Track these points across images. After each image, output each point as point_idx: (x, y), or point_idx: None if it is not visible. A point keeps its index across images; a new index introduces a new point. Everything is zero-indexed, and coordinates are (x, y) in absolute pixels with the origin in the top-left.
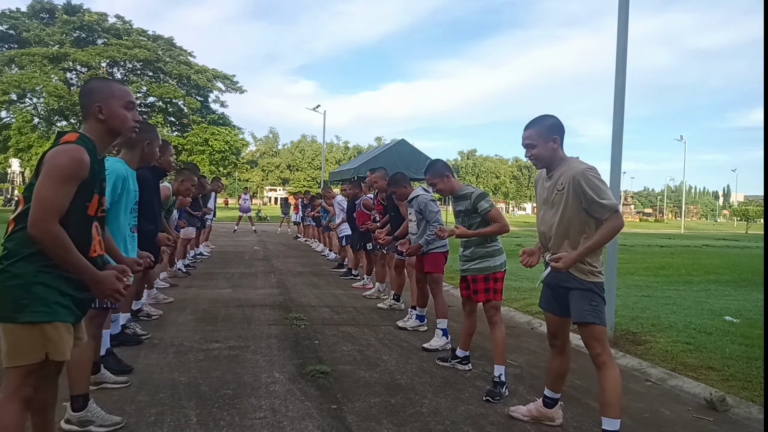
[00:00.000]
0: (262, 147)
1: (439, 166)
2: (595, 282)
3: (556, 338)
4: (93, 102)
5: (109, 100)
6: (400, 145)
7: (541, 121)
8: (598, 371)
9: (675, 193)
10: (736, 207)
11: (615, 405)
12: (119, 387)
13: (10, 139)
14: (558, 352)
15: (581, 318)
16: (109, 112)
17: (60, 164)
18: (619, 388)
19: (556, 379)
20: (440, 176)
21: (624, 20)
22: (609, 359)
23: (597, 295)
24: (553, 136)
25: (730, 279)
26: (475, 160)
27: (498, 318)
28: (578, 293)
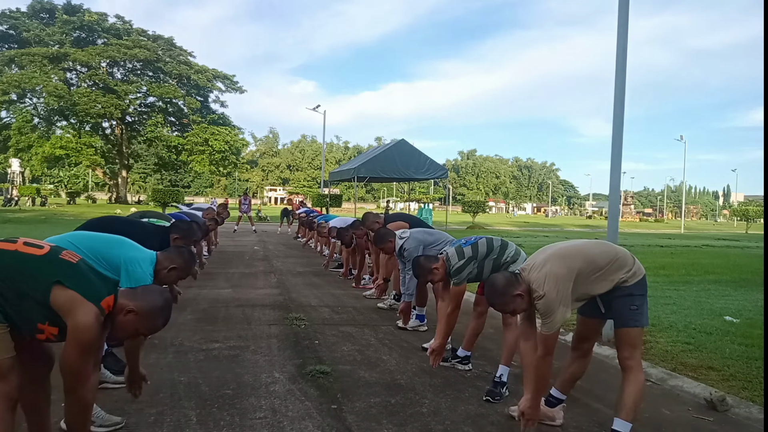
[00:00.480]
0: (262, 147)
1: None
2: (633, 284)
3: (584, 342)
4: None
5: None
6: (400, 145)
7: (497, 293)
8: (624, 373)
9: (675, 193)
10: (736, 207)
11: (631, 409)
12: (119, 387)
13: (10, 139)
14: (581, 355)
15: (623, 324)
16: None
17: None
18: (641, 395)
19: (568, 381)
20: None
21: (624, 20)
22: (637, 364)
23: (637, 296)
24: (514, 294)
25: (730, 279)
26: (475, 160)
27: (512, 320)
28: (619, 299)
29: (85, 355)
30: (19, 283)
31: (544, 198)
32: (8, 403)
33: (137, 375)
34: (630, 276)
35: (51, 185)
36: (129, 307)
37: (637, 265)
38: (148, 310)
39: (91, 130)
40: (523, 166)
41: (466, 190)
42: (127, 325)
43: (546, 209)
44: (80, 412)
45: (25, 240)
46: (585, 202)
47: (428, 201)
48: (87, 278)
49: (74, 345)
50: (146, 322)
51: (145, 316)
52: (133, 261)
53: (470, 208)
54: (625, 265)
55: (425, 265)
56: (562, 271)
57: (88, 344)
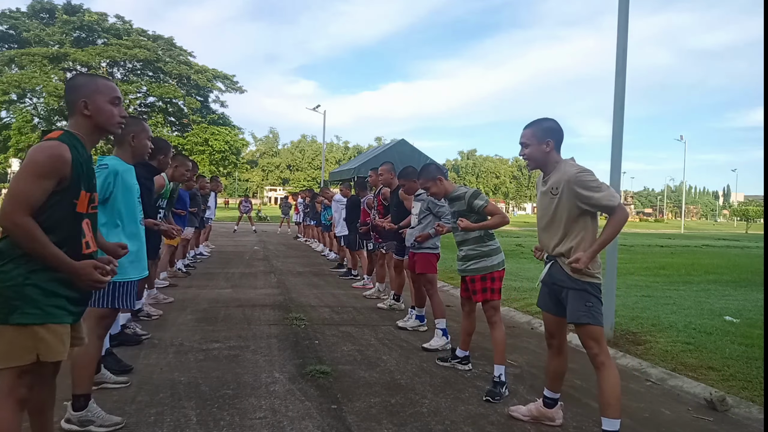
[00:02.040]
0: (262, 147)
1: (431, 169)
2: (591, 282)
3: (553, 338)
4: (79, 97)
5: (95, 96)
6: (400, 145)
7: (538, 123)
8: (597, 372)
9: (675, 193)
10: (736, 207)
11: (614, 405)
12: (119, 387)
13: (10, 139)
14: (556, 352)
15: (576, 319)
16: (94, 108)
17: (36, 159)
18: (618, 389)
19: (554, 379)
20: (433, 179)
21: (624, 20)
22: (607, 359)
23: (592, 296)
24: (547, 139)
25: (730, 279)
26: (475, 160)
27: (497, 318)
28: (574, 293)
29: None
30: None
31: None
32: (21, 405)
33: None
34: (595, 273)
35: None
36: (79, 104)
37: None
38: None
39: None
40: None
41: None
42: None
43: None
44: (25, 238)
45: None
46: None
47: None
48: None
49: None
50: (100, 92)
51: (94, 90)
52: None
53: None
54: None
55: (433, 172)
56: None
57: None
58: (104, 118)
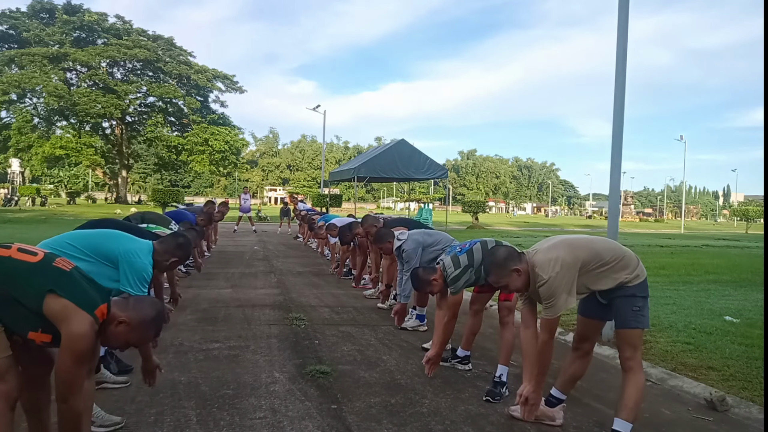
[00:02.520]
0: (262, 147)
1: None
2: (636, 285)
3: (584, 342)
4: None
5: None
6: (400, 145)
7: (495, 264)
8: (624, 374)
9: (675, 193)
10: (736, 207)
11: (632, 409)
12: (119, 387)
13: (10, 139)
14: (581, 355)
15: (624, 325)
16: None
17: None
18: (641, 396)
19: (569, 381)
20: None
21: (624, 20)
22: (637, 365)
23: (639, 298)
24: (511, 269)
25: (730, 279)
26: (475, 160)
27: (510, 319)
28: (621, 300)
29: (79, 364)
30: (12, 290)
31: (544, 198)
32: (7, 403)
33: (151, 364)
34: (633, 277)
35: (51, 185)
36: (120, 318)
37: (640, 267)
38: (139, 321)
39: (91, 130)
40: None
41: (466, 190)
42: (118, 336)
43: (546, 209)
44: (72, 420)
45: (20, 246)
46: (585, 202)
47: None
48: (81, 286)
49: (68, 354)
50: (137, 333)
51: (136, 327)
52: (131, 252)
53: (470, 208)
54: (629, 266)
55: (424, 278)
56: (568, 258)
57: (83, 353)
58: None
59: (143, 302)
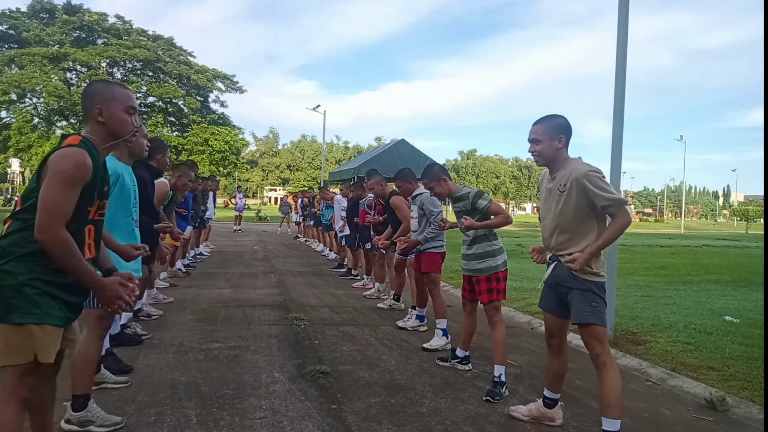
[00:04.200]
0: (262, 147)
1: (436, 169)
2: (596, 282)
3: (553, 338)
4: (93, 104)
5: (110, 103)
6: (400, 145)
7: (549, 119)
8: (598, 372)
9: (675, 193)
10: (736, 207)
11: (615, 405)
12: (119, 387)
13: (10, 139)
14: (555, 352)
15: (582, 319)
16: (109, 115)
17: (65, 168)
18: (620, 389)
19: (554, 380)
20: (437, 179)
21: (624, 20)
22: (609, 360)
23: (597, 296)
24: (558, 136)
25: (730, 279)
26: (475, 160)
27: (498, 318)
28: (578, 293)
29: (65, 187)
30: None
31: None
32: (22, 405)
33: (123, 248)
34: (599, 272)
35: None
36: (93, 111)
37: (605, 269)
38: (104, 93)
39: None
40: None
41: None
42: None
43: None
44: (63, 251)
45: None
46: None
47: None
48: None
49: (51, 177)
50: (114, 101)
51: (109, 99)
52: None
53: None
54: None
55: (437, 172)
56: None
57: (67, 173)
58: (118, 126)
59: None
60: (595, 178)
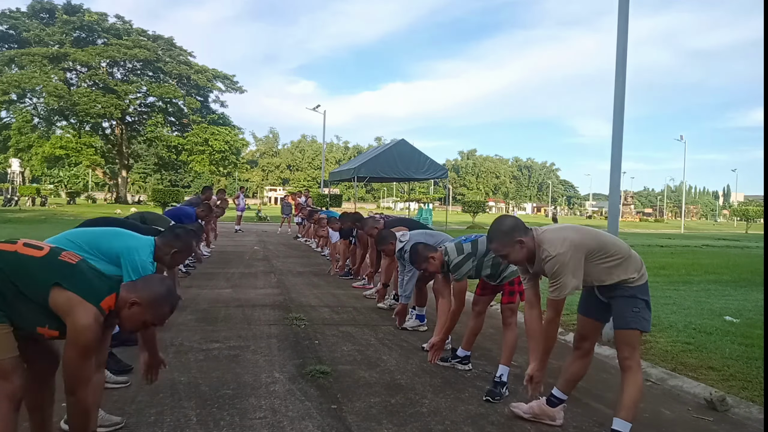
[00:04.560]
0: (262, 147)
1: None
2: (636, 286)
3: (585, 341)
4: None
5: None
6: (400, 145)
7: (497, 232)
8: (623, 374)
9: (675, 193)
10: (736, 207)
11: (630, 409)
12: (119, 387)
13: (10, 139)
14: (582, 355)
15: (624, 325)
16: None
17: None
18: (640, 395)
19: (570, 381)
20: (425, 260)
21: (624, 20)
22: (636, 365)
23: (640, 300)
24: (515, 240)
25: (730, 279)
26: (475, 160)
27: (513, 320)
28: (622, 300)
29: (85, 357)
30: (19, 285)
31: (544, 198)
32: (12, 404)
33: (156, 359)
34: (638, 277)
35: (51, 185)
36: (131, 299)
37: (644, 269)
38: (152, 299)
39: (91, 130)
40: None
41: (466, 190)
42: (134, 317)
43: (546, 209)
44: (81, 414)
45: (25, 241)
46: (585, 202)
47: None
48: (86, 278)
49: (74, 346)
50: (152, 311)
51: (150, 305)
52: (132, 249)
53: (470, 208)
54: (632, 265)
55: (423, 253)
56: (576, 240)
57: (88, 345)
58: (131, 325)
59: (152, 280)
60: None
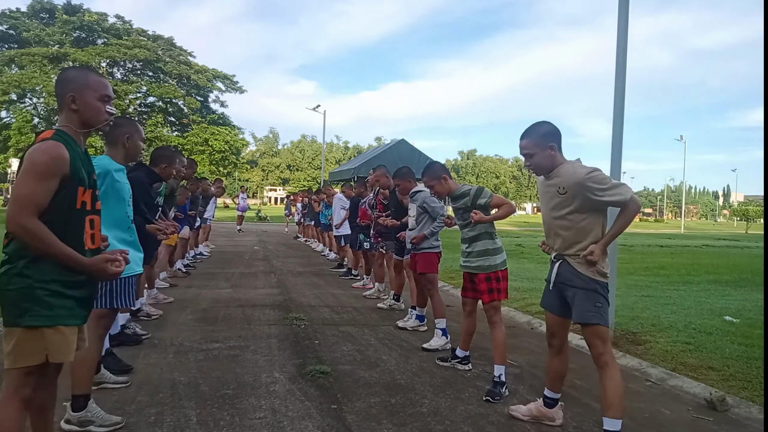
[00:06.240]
0: (262, 147)
1: (436, 168)
2: (600, 282)
3: (554, 337)
4: (67, 92)
5: (84, 91)
6: (400, 145)
7: (535, 130)
8: (600, 371)
9: (675, 193)
10: (736, 207)
11: (617, 405)
12: (119, 387)
13: (10, 139)
14: (556, 351)
15: (585, 319)
16: (82, 103)
17: (36, 161)
18: (621, 389)
19: (555, 379)
20: (437, 178)
21: (624, 20)
22: (611, 360)
23: (601, 296)
24: (549, 144)
25: (730, 279)
26: (475, 160)
27: (498, 318)
28: (582, 293)
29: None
30: None
31: None
32: (24, 407)
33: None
34: (605, 272)
35: None
36: (66, 98)
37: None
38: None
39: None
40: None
41: None
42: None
43: None
44: (34, 239)
45: None
46: None
47: None
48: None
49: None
50: (88, 88)
51: (83, 86)
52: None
53: None
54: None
55: (438, 171)
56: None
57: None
58: (91, 114)
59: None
60: (597, 181)
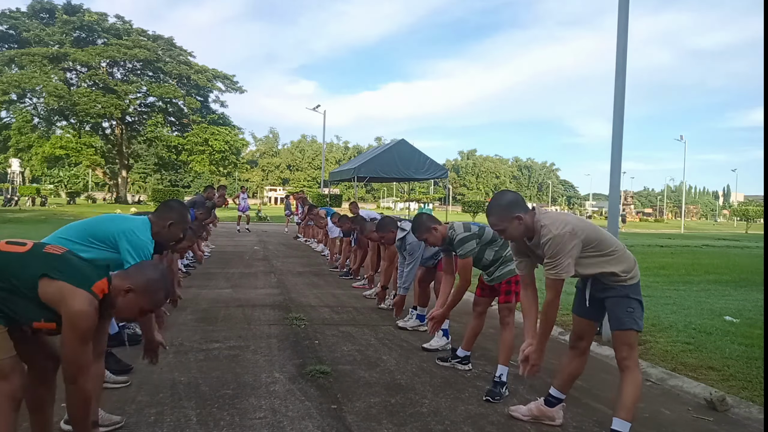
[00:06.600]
0: (262, 147)
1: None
2: (630, 285)
3: (581, 340)
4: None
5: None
6: (400, 145)
7: (497, 204)
8: (621, 374)
9: (675, 193)
10: (736, 207)
11: (629, 409)
12: (119, 387)
13: (10, 139)
14: (578, 354)
15: (620, 325)
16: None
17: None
18: (638, 394)
19: (567, 381)
20: (427, 231)
21: (624, 20)
22: (634, 364)
23: (633, 300)
24: (513, 215)
25: (730, 279)
26: (475, 160)
27: (510, 319)
28: (615, 300)
29: (83, 343)
30: (8, 282)
31: (544, 198)
32: (11, 403)
33: (154, 343)
34: (629, 276)
35: (51, 185)
36: (125, 286)
37: (637, 268)
38: (145, 284)
39: (91, 130)
40: (523, 166)
41: (466, 190)
42: (129, 304)
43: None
44: (81, 403)
45: (7, 240)
46: (585, 202)
47: (428, 201)
48: (73, 266)
49: (71, 333)
50: (147, 297)
51: (144, 291)
52: (129, 231)
53: (470, 208)
54: (625, 262)
55: (426, 223)
56: (577, 226)
57: (85, 331)
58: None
59: (143, 266)
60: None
